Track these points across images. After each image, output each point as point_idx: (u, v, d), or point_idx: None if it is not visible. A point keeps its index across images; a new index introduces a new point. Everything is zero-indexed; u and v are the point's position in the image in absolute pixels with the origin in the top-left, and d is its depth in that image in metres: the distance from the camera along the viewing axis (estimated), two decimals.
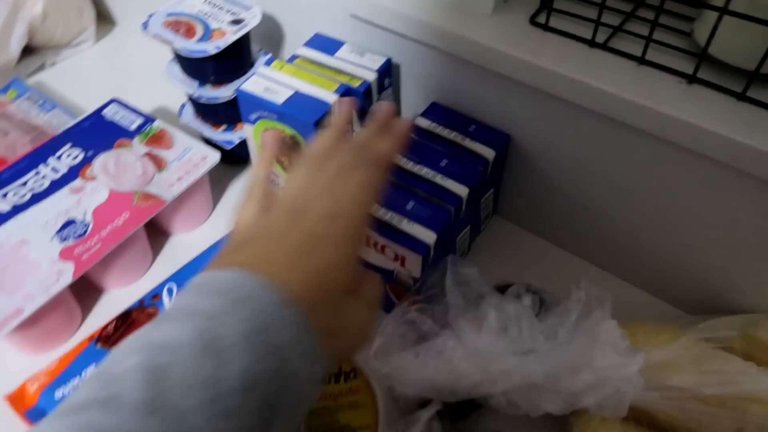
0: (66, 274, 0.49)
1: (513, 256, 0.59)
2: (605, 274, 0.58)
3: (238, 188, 0.65)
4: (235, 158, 0.65)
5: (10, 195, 0.54)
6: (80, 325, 0.54)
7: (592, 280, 0.41)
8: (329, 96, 0.50)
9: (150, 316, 0.52)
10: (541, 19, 0.49)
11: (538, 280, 0.50)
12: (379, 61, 0.53)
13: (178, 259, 0.58)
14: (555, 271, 0.58)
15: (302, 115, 0.48)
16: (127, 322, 0.51)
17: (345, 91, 0.50)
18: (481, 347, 0.41)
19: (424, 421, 0.41)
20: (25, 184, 0.55)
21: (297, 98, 0.50)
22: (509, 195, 0.60)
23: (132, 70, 0.77)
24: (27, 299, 0.47)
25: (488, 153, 0.53)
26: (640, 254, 0.54)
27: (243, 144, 0.62)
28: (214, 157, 0.58)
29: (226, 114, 0.61)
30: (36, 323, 0.48)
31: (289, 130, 0.50)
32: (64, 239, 0.51)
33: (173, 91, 0.63)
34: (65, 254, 0.50)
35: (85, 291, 0.55)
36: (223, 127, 0.62)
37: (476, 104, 0.55)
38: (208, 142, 0.63)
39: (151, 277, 0.58)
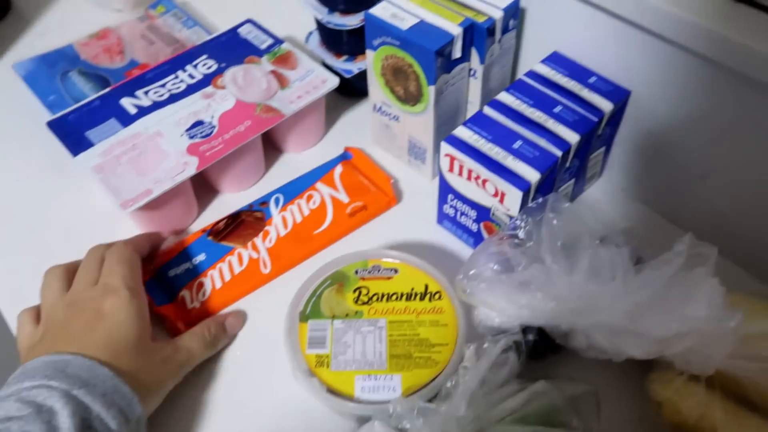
0: (191, 166, 0.53)
1: (611, 222, 0.58)
2: None
3: (350, 119, 0.68)
4: (350, 90, 0.67)
5: (151, 93, 0.59)
6: (195, 218, 0.59)
7: None
8: (453, 28, 0.51)
9: (257, 219, 0.56)
10: None
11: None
12: (506, 0, 0.53)
13: (287, 175, 0.62)
14: (656, 242, 0.56)
15: (424, 43, 0.49)
16: (236, 221, 0.56)
17: (469, 25, 0.51)
18: (571, 286, 0.41)
19: (499, 347, 0.42)
20: (164, 85, 0.60)
21: (421, 26, 0.51)
22: (619, 158, 0.59)
23: None
24: (156, 183, 0.52)
25: (605, 105, 0.52)
26: (755, 232, 0.51)
27: (360, 76, 0.64)
28: (333, 81, 0.61)
29: (349, 44, 0.64)
30: (159, 207, 0.53)
31: (409, 58, 0.52)
32: (192, 137, 0.56)
33: (303, 19, 0.66)
34: (192, 149, 0.55)
35: (202, 190, 0.60)
36: (344, 57, 0.65)
37: (600, 57, 0.54)
38: (329, 69, 0.66)
39: (260, 187, 0.62)
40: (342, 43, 0.64)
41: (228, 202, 0.60)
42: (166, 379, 0.43)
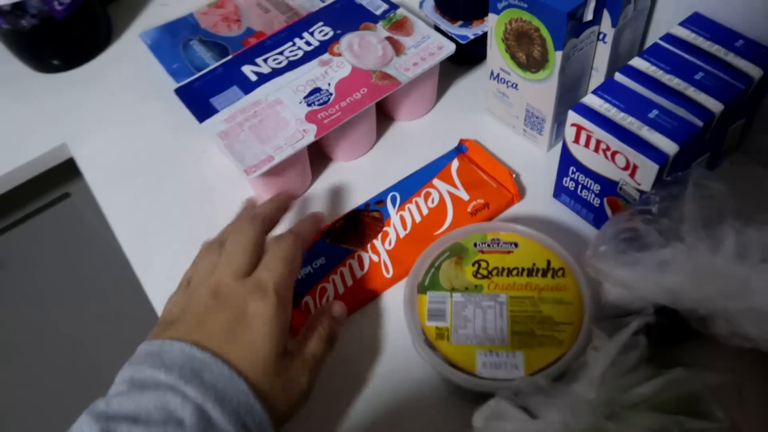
0: (309, 134, 0.54)
1: (753, 201, 0.53)
2: None
3: (462, 87, 0.66)
4: (463, 57, 0.65)
5: (270, 60, 0.60)
6: (309, 186, 0.60)
7: None
8: None
9: (375, 220, 0.54)
10: None
11: None
12: None
13: (398, 145, 0.61)
14: None
15: (556, 4, 0.47)
16: (354, 222, 0.54)
17: None
18: (714, 267, 0.38)
19: (631, 329, 0.40)
20: (282, 52, 0.61)
21: None
22: (762, 131, 0.53)
23: None
24: (276, 150, 0.53)
25: (754, 71, 0.47)
26: None
27: (475, 42, 0.62)
28: (450, 47, 0.59)
29: (465, 9, 0.62)
30: (279, 173, 0.55)
31: (536, 22, 0.49)
32: (310, 104, 0.56)
33: None
34: (310, 117, 0.55)
35: (316, 157, 0.60)
36: (460, 23, 0.63)
37: (749, 17, 0.49)
38: (444, 35, 0.64)
39: (372, 156, 0.62)
40: (458, 7, 0.62)
41: (340, 170, 0.61)
42: (295, 400, 0.38)
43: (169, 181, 0.62)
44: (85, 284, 0.86)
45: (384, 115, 0.64)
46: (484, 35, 0.64)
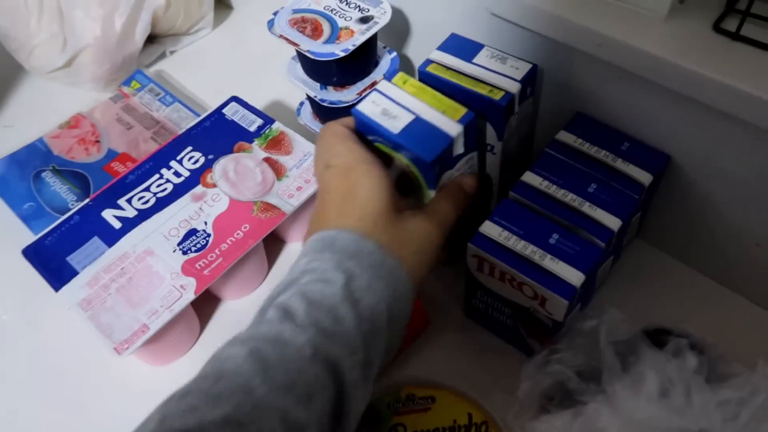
0: (189, 291, 0.48)
1: (658, 287, 0.53)
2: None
3: None
4: None
5: (135, 200, 0.54)
6: (198, 337, 0.53)
7: (752, 321, 0.35)
8: (452, 126, 0.43)
9: None
10: (728, 25, 0.41)
11: (688, 317, 0.43)
12: (523, 69, 0.47)
13: None
14: (708, 307, 0.51)
15: (419, 150, 0.43)
16: None
17: (469, 122, 0.44)
18: (641, 417, 0.35)
19: None
20: (148, 188, 0.54)
21: (416, 126, 0.43)
22: (658, 218, 0.53)
23: (250, 57, 0.75)
24: (152, 315, 0.46)
25: (644, 177, 0.46)
26: None
27: None
28: None
29: (346, 114, 0.58)
30: (158, 339, 0.48)
31: (404, 160, 0.45)
32: (186, 251, 0.50)
33: (288, 86, 0.60)
34: (187, 268, 0.49)
35: (203, 302, 0.54)
36: None
37: (631, 118, 0.48)
38: None
39: (267, 287, 0.56)
40: (338, 114, 0.58)
41: (233, 310, 0.55)
42: (426, 246, 0.39)
43: (22, 363, 0.53)
44: None
45: (275, 239, 0.59)
46: None
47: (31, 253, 0.51)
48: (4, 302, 0.57)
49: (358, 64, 0.54)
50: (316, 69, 0.55)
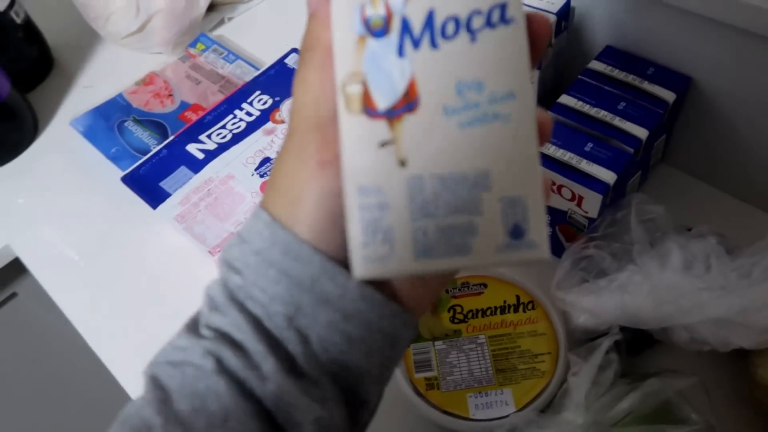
0: None
1: (684, 205, 0.58)
2: None
3: None
4: None
5: (214, 136, 0.61)
6: None
7: None
8: None
9: None
10: None
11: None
12: (558, 3, 0.53)
13: None
14: (733, 222, 0.56)
15: None
16: None
17: None
18: (667, 283, 0.42)
19: (603, 349, 0.43)
20: (224, 126, 0.62)
21: None
22: (682, 142, 0.59)
23: (299, 24, 0.82)
24: (237, 225, 0.54)
25: (668, 96, 0.52)
26: None
27: None
28: None
29: None
30: None
31: None
32: (263, 175, 0.57)
33: None
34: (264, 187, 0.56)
35: None
36: None
37: (656, 46, 0.54)
38: None
39: None
40: None
41: None
42: None
43: (126, 269, 0.61)
44: (42, 381, 0.82)
45: None
46: None
47: (129, 179, 0.59)
48: (109, 221, 0.65)
49: None
50: None
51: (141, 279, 0.60)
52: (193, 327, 0.27)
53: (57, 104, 0.77)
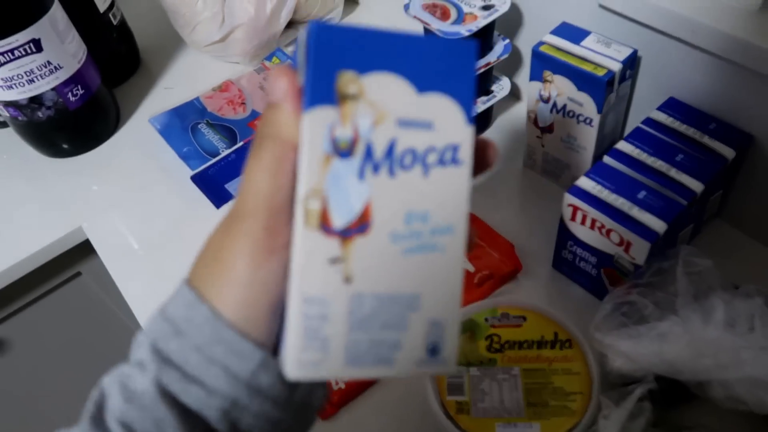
0: None
1: (734, 262, 0.58)
2: None
3: None
4: None
5: None
6: None
7: None
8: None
9: None
10: None
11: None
12: (624, 53, 0.54)
13: None
14: None
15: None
16: None
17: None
18: (708, 337, 0.42)
19: (636, 396, 0.43)
20: None
21: None
22: (739, 199, 0.59)
23: None
24: None
25: (728, 152, 0.52)
26: None
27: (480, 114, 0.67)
28: None
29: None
30: None
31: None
32: None
33: None
34: None
35: None
36: None
37: (719, 102, 0.54)
38: None
39: None
40: None
41: None
42: None
43: (185, 263, 0.64)
44: (95, 362, 0.87)
45: None
46: (480, 117, 0.69)
47: (198, 178, 0.62)
48: (174, 215, 0.69)
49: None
50: None
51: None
52: (98, 418, 0.26)
53: (139, 102, 0.83)
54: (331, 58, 0.24)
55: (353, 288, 0.24)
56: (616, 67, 0.54)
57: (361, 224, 0.24)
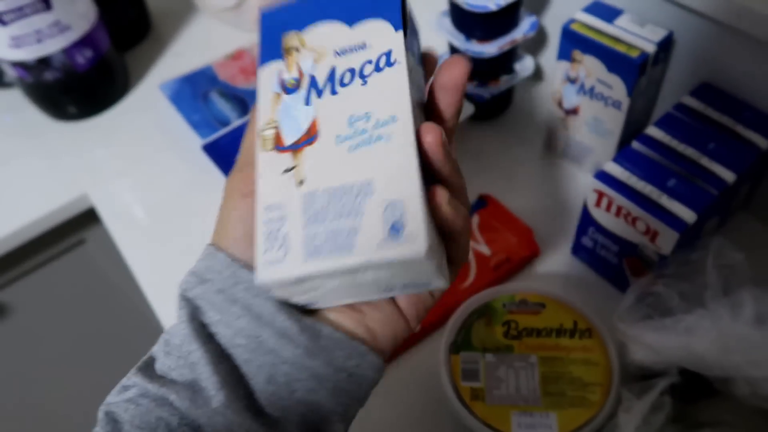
0: None
1: (759, 257, 0.56)
2: None
3: (478, 144, 0.69)
4: (481, 114, 0.68)
5: None
6: None
7: None
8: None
9: None
10: None
11: None
12: (659, 34, 0.52)
13: None
14: None
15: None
16: None
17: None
18: (737, 333, 0.40)
19: (659, 389, 0.42)
20: None
21: None
22: (766, 193, 0.57)
23: None
24: None
25: (762, 142, 0.50)
26: None
27: (491, 101, 0.65)
28: (469, 108, 0.62)
29: (481, 69, 0.65)
30: None
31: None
32: None
33: (427, 42, 0.67)
34: None
35: None
36: (476, 82, 0.66)
37: (754, 89, 0.52)
38: None
39: None
40: (475, 68, 0.65)
41: None
42: None
43: (192, 233, 0.63)
44: (96, 330, 0.86)
45: None
46: (501, 96, 0.67)
47: (210, 148, 0.60)
48: (182, 185, 0.67)
49: (502, 21, 0.61)
50: (466, 22, 0.62)
51: (203, 244, 0.61)
52: (145, 368, 0.28)
53: (148, 67, 0.80)
54: (274, 27, 0.29)
55: (305, 188, 0.26)
56: (651, 48, 0.51)
57: (309, 137, 0.27)
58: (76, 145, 0.72)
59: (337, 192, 0.26)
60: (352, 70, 0.27)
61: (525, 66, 0.66)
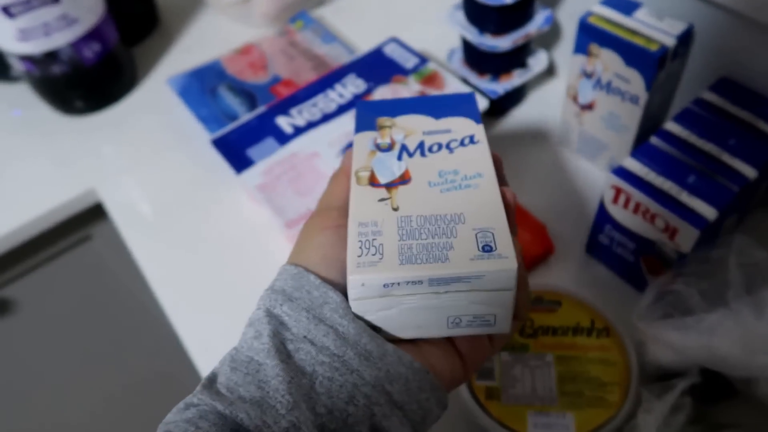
0: None
1: None
2: None
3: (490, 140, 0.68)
4: (494, 110, 0.67)
5: (304, 112, 0.61)
6: None
7: None
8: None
9: None
10: None
11: None
12: (679, 27, 0.51)
13: None
14: None
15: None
16: None
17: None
18: (763, 333, 0.39)
19: (679, 390, 0.41)
20: (315, 104, 0.62)
21: None
22: None
23: (401, 11, 0.82)
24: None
25: None
26: None
27: (505, 97, 0.64)
28: (483, 103, 0.61)
29: (494, 64, 0.64)
30: None
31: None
32: None
33: (442, 37, 0.66)
34: None
35: None
36: (488, 77, 0.65)
37: None
38: (475, 89, 0.66)
39: None
40: (488, 62, 0.64)
41: None
42: None
43: (200, 228, 0.62)
44: (103, 327, 0.85)
45: None
46: (514, 91, 0.66)
47: (219, 142, 0.59)
48: (190, 180, 0.66)
49: (516, 15, 0.60)
50: (479, 15, 0.61)
51: (212, 240, 0.61)
52: (209, 385, 0.27)
53: (156, 62, 0.80)
54: (369, 112, 0.34)
55: (400, 213, 0.28)
56: (670, 42, 0.50)
57: (402, 180, 0.30)
58: (83, 139, 0.71)
59: (431, 218, 0.28)
60: (439, 144, 0.32)
61: (539, 60, 0.65)
